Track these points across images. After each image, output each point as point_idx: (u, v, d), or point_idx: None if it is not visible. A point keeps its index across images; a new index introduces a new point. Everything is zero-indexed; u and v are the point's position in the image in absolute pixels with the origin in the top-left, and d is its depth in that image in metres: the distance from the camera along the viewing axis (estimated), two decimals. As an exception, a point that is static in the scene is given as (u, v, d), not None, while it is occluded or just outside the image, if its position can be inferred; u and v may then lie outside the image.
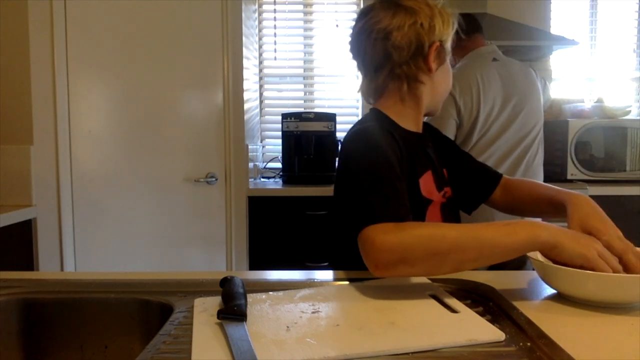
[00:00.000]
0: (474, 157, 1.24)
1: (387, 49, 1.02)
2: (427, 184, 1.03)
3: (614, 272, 0.76)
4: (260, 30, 3.07)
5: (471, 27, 2.11)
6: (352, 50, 1.10)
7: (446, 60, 1.08)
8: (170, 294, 0.82)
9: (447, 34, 1.05)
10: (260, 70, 3.09)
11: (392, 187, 0.88)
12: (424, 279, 0.87)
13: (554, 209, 1.01)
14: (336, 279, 0.91)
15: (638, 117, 3.05)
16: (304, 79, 3.13)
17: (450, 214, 1.09)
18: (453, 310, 0.73)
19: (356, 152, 0.96)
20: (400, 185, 0.90)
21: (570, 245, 0.77)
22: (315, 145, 2.72)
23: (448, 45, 1.06)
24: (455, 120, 1.92)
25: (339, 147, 1.01)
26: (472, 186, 1.17)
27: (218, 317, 0.68)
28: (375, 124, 1.03)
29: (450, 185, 1.14)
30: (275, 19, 3.08)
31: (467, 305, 0.75)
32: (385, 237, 0.80)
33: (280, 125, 2.78)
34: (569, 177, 2.56)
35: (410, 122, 1.08)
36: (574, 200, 0.94)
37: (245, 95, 2.53)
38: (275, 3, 3.06)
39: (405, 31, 1.01)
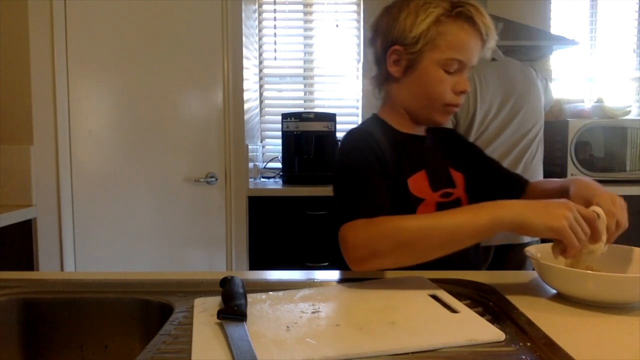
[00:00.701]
0: (500, 164, 1.21)
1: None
2: (417, 183, 1.03)
3: (580, 242, 0.77)
4: (260, 30, 3.07)
5: None
6: None
7: (419, 62, 1.00)
8: (170, 294, 0.82)
9: (413, 35, 0.98)
10: (260, 70, 3.09)
11: (367, 185, 0.93)
12: (424, 279, 0.87)
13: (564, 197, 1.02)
14: (336, 279, 0.91)
15: (638, 117, 3.05)
16: (304, 79, 3.13)
17: None
18: (453, 310, 0.73)
19: (341, 155, 1.02)
20: (377, 183, 0.95)
21: (536, 219, 0.78)
22: (315, 145, 2.72)
23: (419, 46, 0.98)
24: (452, 120, 1.92)
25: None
26: (499, 192, 1.13)
27: (218, 317, 0.68)
28: (362, 127, 1.07)
29: (474, 190, 1.11)
30: (275, 19, 3.08)
31: (467, 305, 0.75)
32: (356, 233, 0.85)
33: (280, 125, 2.78)
34: (569, 177, 2.57)
35: (403, 124, 1.09)
36: (574, 181, 0.98)
37: (245, 95, 2.53)
38: (275, 3, 3.06)
39: (370, 37, 1.05)
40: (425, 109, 1.05)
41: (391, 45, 1.01)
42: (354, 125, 3.23)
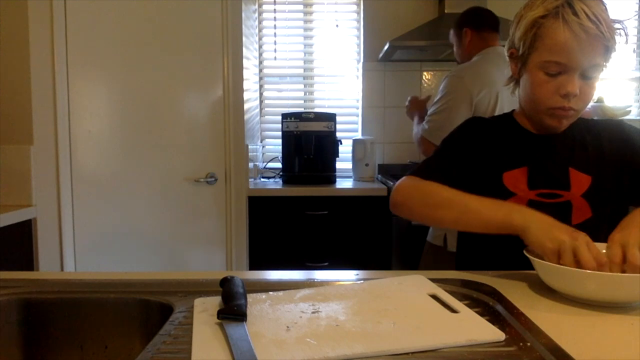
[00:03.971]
0: None
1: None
2: (514, 178, 1.06)
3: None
4: (260, 30, 3.07)
5: (493, 25, 2.11)
6: None
7: (526, 65, 1.02)
8: (170, 294, 0.82)
9: (518, 38, 1.02)
10: (260, 70, 3.09)
11: (441, 158, 1.10)
12: (424, 279, 0.87)
13: None
14: (336, 279, 0.91)
15: (638, 117, 3.06)
16: (304, 79, 3.13)
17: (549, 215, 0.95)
18: (453, 310, 0.73)
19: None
20: (452, 160, 1.09)
21: (536, 233, 0.84)
22: (315, 145, 2.72)
23: (523, 49, 1.01)
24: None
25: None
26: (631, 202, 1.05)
27: (218, 317, 0.68)
28: (485, 117, 1.20)
29: (603, 195, 1.04)
30: (275, 19, 3.08)
31: (467, 305, 0.75)
32: (403, 182, 1.05)
33: (280, 125, 2.79)
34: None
35: (526, 121, 1.11)
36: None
37: (245, 95, 2.53)
38: (275, 3, 3.06)
39: None
40: (535, 112, 1.05)
41: (510, 48, 1.07)
42: (354, 126, 3.21)
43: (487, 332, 0.65)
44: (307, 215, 2.53)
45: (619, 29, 0.98)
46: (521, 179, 1.05)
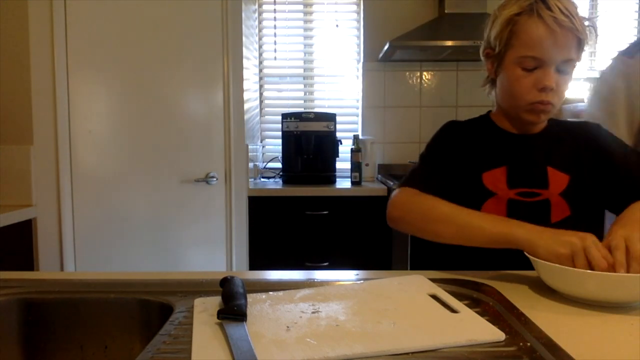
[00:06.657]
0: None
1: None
2: (493, 178, 1.07)
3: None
4: (260, 30, 3.07)
5: None
6: None
7: (502, 63, 1.04)
8: (170, 294, 0.82)
9: (493, 37, 1.03)
10: (260, 70, 3.09)
11: (429, 166, 1.10)
12: (424, 279, 0.87)
13: None
14: (336, 279, 0.91)
15: (638, 117, 3.05)
16: (304, 79, 3.13)
17: (528, 214, 0.98)
18: (453, 310, 0.73)
19: (432, 136, 1.18)
20: (439, 166, 1.09)
21: (546, 243, 0.82)
22: (315, 145, 2.72)
23: (499, 47, 1.02)
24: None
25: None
26: (612, 201, 1.07)
27: (218, 317, 0.68)
28: (461, 119, 1.19)
29: (582, 194, 1.06)
30: (275, 19, 3.08)
31: (467, 305, 0.75)
32: (399, 196, 1.04)
33: (280, 125, 2.79)
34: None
35: (505, 122, 1.12)
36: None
37: (245, 95, 2.53)
38: (275, 3, 3.06)
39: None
40: (513, 108, 1.07)
41: (486, 48, 1.08)
42: (354, 126, 3.23)
43: (487, 332, 0.65)
44: (307, 215, 2.53)
45: (589, 26, 1.00)
46: (501, 178, 1.07)
